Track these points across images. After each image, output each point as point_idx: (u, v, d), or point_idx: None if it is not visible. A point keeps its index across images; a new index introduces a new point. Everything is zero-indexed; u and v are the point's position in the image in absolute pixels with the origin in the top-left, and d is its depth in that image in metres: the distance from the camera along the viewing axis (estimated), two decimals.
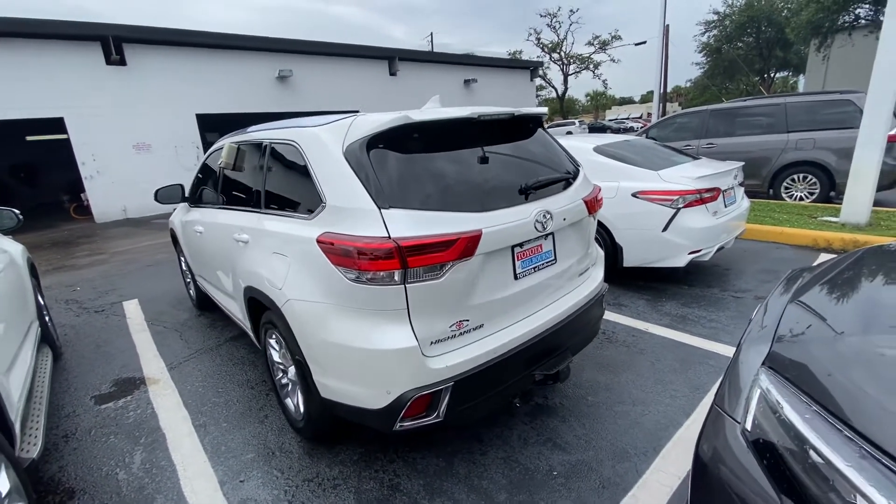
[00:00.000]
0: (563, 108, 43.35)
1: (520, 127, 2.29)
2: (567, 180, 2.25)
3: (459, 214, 1.74)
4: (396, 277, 1.64)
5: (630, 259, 4.06)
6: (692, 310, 3.66)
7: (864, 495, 0.67)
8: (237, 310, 2.86)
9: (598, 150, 4.33)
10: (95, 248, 8.29)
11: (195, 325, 4.09)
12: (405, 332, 1.70)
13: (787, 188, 7.02)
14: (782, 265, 4.54)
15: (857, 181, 5.16)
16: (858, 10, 19.46)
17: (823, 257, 4.66)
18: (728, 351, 2.99)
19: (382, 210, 1.67)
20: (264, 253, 2.20)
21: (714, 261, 4.63)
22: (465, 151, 2.00)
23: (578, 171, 2.43)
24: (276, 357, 2.44)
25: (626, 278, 4.35)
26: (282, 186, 2.30)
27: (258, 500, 2.02)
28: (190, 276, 4.28)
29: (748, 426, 0.90)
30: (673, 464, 2.06)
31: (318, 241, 1.79)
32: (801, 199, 6.91)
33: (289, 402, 2.42)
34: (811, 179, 6.75)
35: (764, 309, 1.24)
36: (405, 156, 1.84)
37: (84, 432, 2.64)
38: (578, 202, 2.20)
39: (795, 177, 6.90)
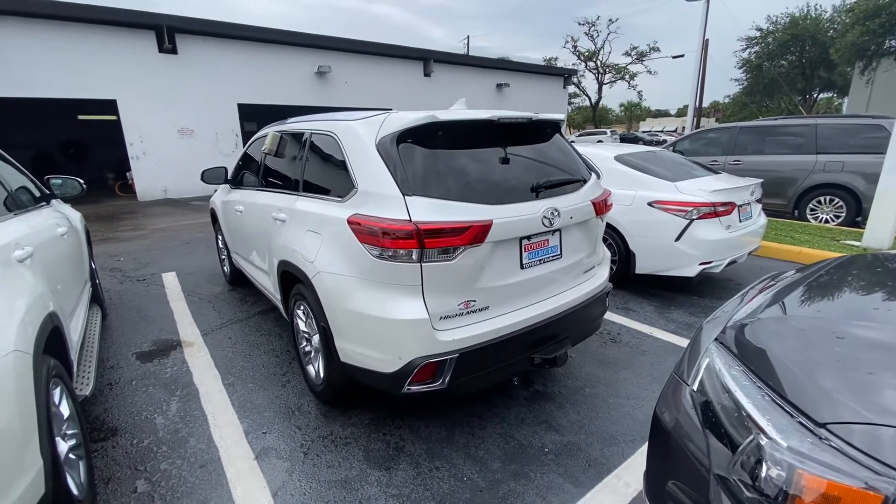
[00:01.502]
0: (596, 117, 43.02)
1: (538, 131, 2.48)
2: (578, 182, 2.42)
3: (473, 205, 1.95)
4: (414, 256, 1.86)
5: (642, 266, 4.18)
6: (699, 318, 3.76)
7: (754, 422, 0.84)
8: (269, 283, 3.14)
9: (618, 158, 4.46)
10: (137, 223, 8.83)
11: (227, 299, 4.42)
12: (418, 305, 1.92)
13: (812, 210, 6.95)
14: None
15: (882, 206, 5.12)
16: None
17: None
18: None
19: (406, 197, 1.90)
20: (299, 231, 2.45)
21: (726, 274, 4.69)
22: (484, 150, 2.21)
23: (591, 175, 2.60)
24: (302, 326, 2.69)
25: (637, 285, 4.47)
26: (319, 172, 2.55)
27: (278, 449, 2.27)
28: (226, 253, 4.61)
29: (695, 388, 1.07)
30: None
31: (349, 222, 2.03)
32: (827, 221, 6.83)
33: (310, 368, 2.67)
34: (838, 202, 6.67)
35: (740, 298, 1.40)
36: (430, 150, 2.06)
37: (126, 382, 2.96)
38: (587, 203, 2.37)
39: (822, 199, 6.83)
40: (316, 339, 2.49)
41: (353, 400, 2.60)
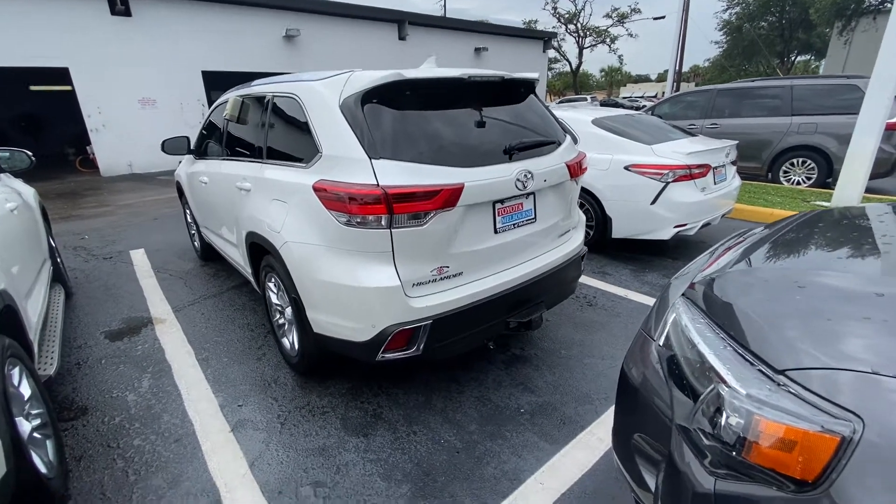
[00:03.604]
0: (577, 82, 42.44)
1: (511, 91, 2.39)
2: (552, 144, 2.37)
3: (444, 168, 1.89)
4: (383, 222, 1.80)
5: (619, 230, 4.20)
6: None
7: (715, 371, 0.84)
8: (239, 256, 3.04)
9: (596, 122, 4.40)
10: (102, 200, 8.46)
11: (199, 274, 4.30)
12: (390, 272, 1.88)
13: (785, 172, 7.08)
14: None
15: (852, 167, 5.22)
16: None
17: None
18: None
19: (373, 160, 1.81)
20: (265, 200, 2.36)
21: (700, 237, 4.76)
22: (455, 111, 2.12)
23: (566, 137, 2.55)
24: (274, 299, 2.64)
25: (614, 250, 4.51)
26: (282, 137, 2.43)
27: (254, 421, 2.26)
28: (195, 228, 4.46)
29: (661, 343, 1.07)
30: None
31: (314, 188, 1.94)
32: (799, 183, 6.98)
33: (285, 340, 2.63)
34: (810, 164, 6.80)
35: (709, 254, 1.40)
36: (397, 111, 1.97)
37: (95, 361, 2.87)
38: (561, 165, 2.33)
39: (795, 161, 6.94)
40: (289, 311, 2.44)
41: (330, 370, 2.59)
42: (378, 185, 1.77)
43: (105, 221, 6.67)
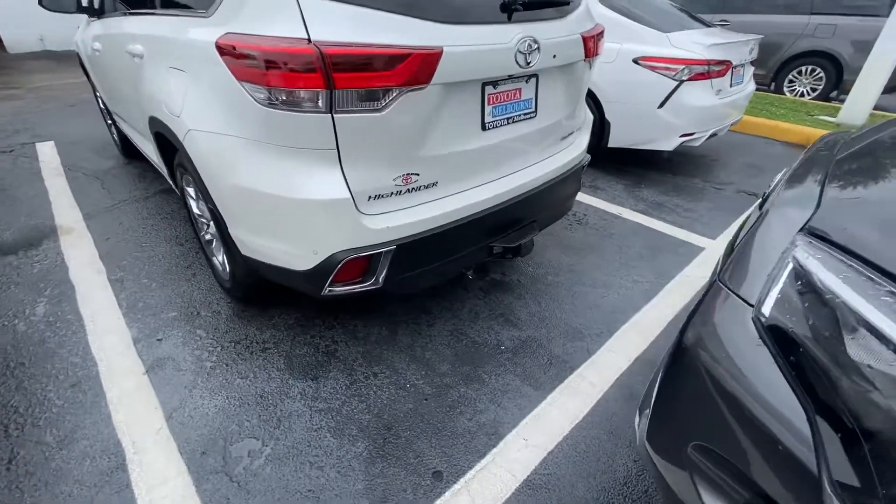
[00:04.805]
0: None
1: None
2: (564, 5, 1.72)
3: (414, 21, 1.26)
4: (320, 102, 1.21)
5: (616, 139, 3.67)
6: (670, 198, 3.44)
7: None
8: (152, 152, 2.38)
9: (604, 1, 3.61)
10: (6, 81, 7.04)
11: (120, 175, 3.57)
12: (335, 179, 1.33)
13: (791, 82, 6.48)
14: (770, 161, 4.30)
15: (869, 77, 4.71)
16: None
17: None
18: (701, 241, 2.84)
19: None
20: (160, 69, 1.67)
21: (700, 150, 4.31)
22: None
23: (581, 1, 1.89)
24: (195, 209, 2.07)
25: (607, 161, 4.01)
26: None
27: (176, 360, 1.83)
28: (109, 116, 3.62)
29: (766, 313, 0.64)
30: (626, 346, 1.97)
31: (218, 47, 1.29)
32: (803, 94, 6.44)
33: (216, 260, 2.12)
34: (818, 73, 6.21)
35: (797, 166, 0.94)
36: None
37: None
38: (576, 37, 1.71)
39: (803, 69, 6.32)
40: (213, 225, 1.89)
41: (273, 297, 2.14)
42: (310, 40, 1.14)
43: (8, 107, 5.52)
